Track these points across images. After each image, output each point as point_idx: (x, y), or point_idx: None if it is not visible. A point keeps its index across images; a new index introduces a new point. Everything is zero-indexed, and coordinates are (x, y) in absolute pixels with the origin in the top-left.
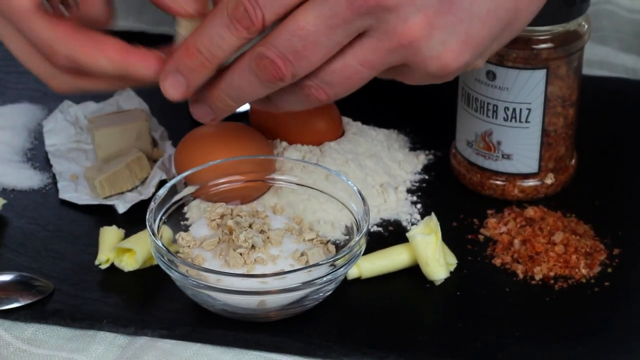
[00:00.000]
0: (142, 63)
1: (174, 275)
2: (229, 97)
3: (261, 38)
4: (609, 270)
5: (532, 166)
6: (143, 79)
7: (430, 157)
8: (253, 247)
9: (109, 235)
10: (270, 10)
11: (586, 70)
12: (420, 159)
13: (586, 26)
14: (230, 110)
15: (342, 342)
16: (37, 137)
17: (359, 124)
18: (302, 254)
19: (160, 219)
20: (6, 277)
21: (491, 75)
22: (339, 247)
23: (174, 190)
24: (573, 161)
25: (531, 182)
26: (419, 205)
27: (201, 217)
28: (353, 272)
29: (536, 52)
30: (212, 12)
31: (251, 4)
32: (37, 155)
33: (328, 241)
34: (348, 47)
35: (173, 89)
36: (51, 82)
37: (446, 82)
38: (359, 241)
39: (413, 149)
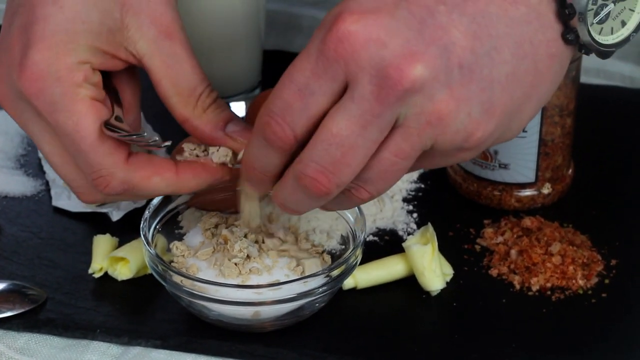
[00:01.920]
0: (193, 177)
1: (168, 285)
2: (292, 209)
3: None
4: (606, 281)
5: (529, 176)
6: (194, 190)
7: None
8: (248, 257)
9: (103, 243)
10: (299, 124)
11: (583, 79)
12: None
13: None
14: (299, 214)
15: (338, 353)
16: (31, 143)
17: None
18: (297, 264)
19: (155, 227)
20: None
21: None
22: (334, 256)
23: (168, 199)
24: (570, 171)
25: (528, 192)
26: (415, 215)
27: (196, 226)
28: (349, 283)
29: None
30: (252, 133)
31: (278, 123)
32: (30, 161)
33: (324, 251)
34: (383, 141)
35: (256, 189)
36: (84, 196)
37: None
38: (355, 252)
39: None
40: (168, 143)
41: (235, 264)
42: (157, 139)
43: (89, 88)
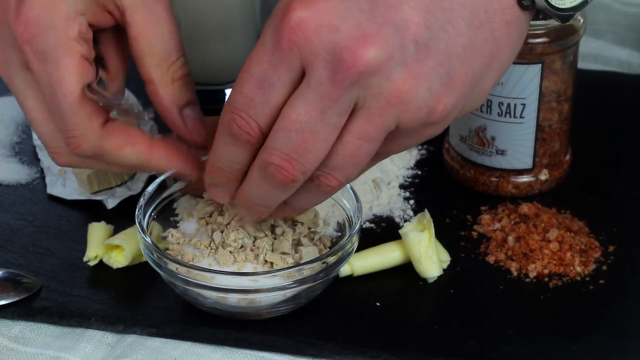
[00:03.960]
0: (165, 158)
1: (163, 272)
2: (258, 204)
3: None
4: (604, 267)
5: (526, 162)
6: (162, 170)
7: (423, 152)
8: (242, 247)
9: (98, 231)
10: (262, 116)
11: (580, 64)
12: (412, 154)
13: (582, 20)
14: (267, 213)
15: (334, 341)
16: (25, 130)
17: None
18: (294, 252)
19: (150, 215)
20: None
21: None
22: (331, 243)
23: (163, 186)
24: (567, 157)
25: (525, 178)
26: (411, 202)
27: (191, 213)
28: (345, 270)
29: (531, 47)
30: (217, 132)
31: (242, 117)
32: (25, 149)
33: (320, 238)
34: (345, 125)
35: (219, 197)
36: (59, 157)
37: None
38: (351, 239)
39: None
40: (151, 115)
41: (231, 252)
42: (139, 109)
43: (82, 44)
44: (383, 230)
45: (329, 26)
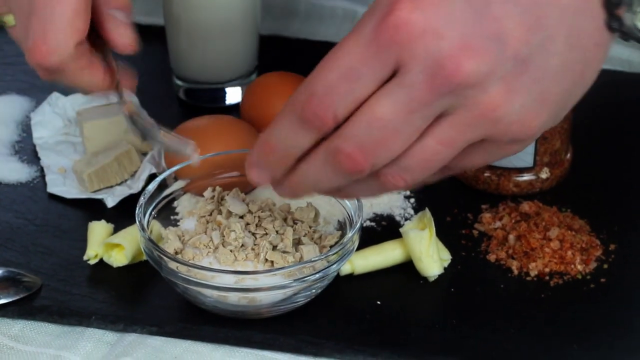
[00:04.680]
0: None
1: (163, 271)
2: (307, 186)
3: None
4: (605, 266)
5: (527, 160)
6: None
7: None
8: (243, 245)
9: (98, 230)
10: (341, 107)
11: None
12: None
13: None
14: (311, 194)
15: (334, 339)
16: (25, 129)
17: None
18: (294, 250)
19: (150, 213)
20: None
21: None
22: (331, 242)
23: (164, 185)
24: (568, 155)
25: (526, 177)
26: (412, 200)
27: (191, 212)
28: (346, 268)
29: None
30: (282, 111)
31: (319, 104)
32: (25, 148)
33: (320, 236)
34: (427, 128)
35: (259, 179)
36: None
37: None
38: (352, 237)
39: None
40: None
41: (231, 251)
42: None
43: None
44: (384, 229)
45: (434, 32)
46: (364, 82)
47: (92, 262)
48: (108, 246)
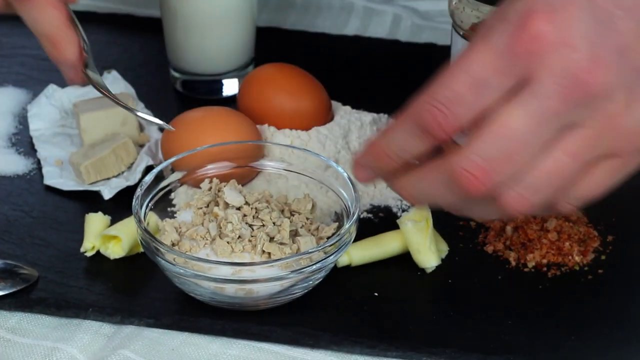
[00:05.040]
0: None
1: (160, 263)
2: (417, 196)
3: None
4: (603, 257)
5: None
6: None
7: None
8: (240, 237)
9: (95, 222)
10: (466, 116)
11: None
12: None
13: None
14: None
15: (332, 331)
16: (22, 121)
17: (348, 108)
18: (291, 242)
19: (147, 205)
20: None
21: None
22: (328, 234)
23: (160, 176)
24: None
25: None
26: None
27: (188, 203)
28: (343, 260)
29: None
30: (400, 118)
31: (442, 111)
32: (22, 140)
33: (317, 228)
34: (554, 141)
35: (364, 178)
36: None
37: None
38: (349, 229)
39: None
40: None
41: (228, 242)
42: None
43: None
44: (381, 220)
45: (567, 44)
46: (493, 92)
47: (89, 254)
48: (105, 238)
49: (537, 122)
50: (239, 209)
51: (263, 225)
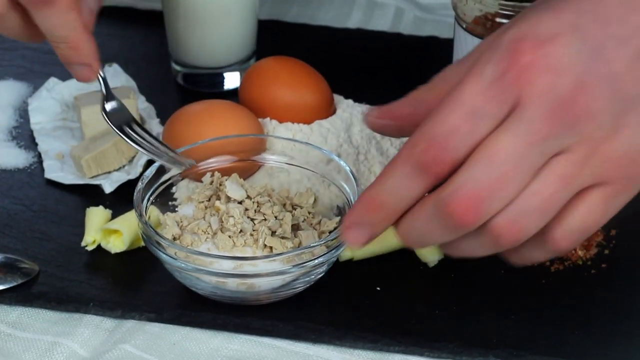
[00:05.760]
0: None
1: (161, 257)
2: (409, 240)
3: None
4: (606, 252)
5: None
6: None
7: None
8: (241, 231)
9: (96, 215)
10: (462, 149)
11: None
12: None
13: None
14: (428, 245)
15: (334, 326)
16: (23, 115)
17: (350, 101)
18: (293, 236)
19: (148, 199)
20: None
21: None
22: (330, 228)
23: (162, 170)
24: None
25: None
26: None
27: (190, 197)
28: (345, 254)
29: None
30: (391, 164)
31: (441, 147)
32: (23, 133)
33: (320, 222)
34: (543, 166)
35: (357, 240)
36: None
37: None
38: None
39: None
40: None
41: (229, 236)
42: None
43: None
44: None
45: (555, 70)
46: (486, 121)
47: (90, 248)
48: (106, 232)
49: (524, 145)
50: (240, 202)
51: (265, 219)
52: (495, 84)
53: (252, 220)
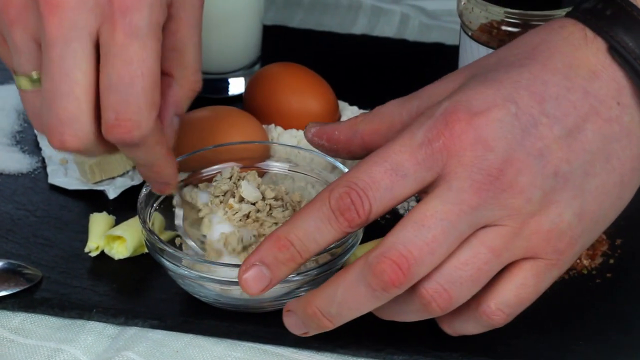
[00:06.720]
0: (172, 163)
1: (165, 264)
2: (326, 315)
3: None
4: (611, 261)
5: None
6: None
7: None
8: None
9: (99, 221)
10: (380, 202)
11: None
12: None
13: None
14: (323, 330)
15: (337, 334)
16: (27, 119)
17: (355, 108)
18: None
19: (152, 205)
20: None
21: None
22: None
23: None
24: None
25: None
26: None
27: (207, 185)
28: (350, 262)
29: None
30: (310, 203)
31: (359, 195)
32: (26, 138)
33: None
34: (472, 236)
35: (254, 283)
36: (71, 140)
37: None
38: (356, 230)
39: None
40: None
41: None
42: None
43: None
44: (387, 222)
45: (484, 144)
46: (408, 181)
47: (94, 254)
48: (109, 238)
49: (453, 213)
50: (253, 204)
51: (276, 224)
52: (424, 148)
53: (262, 223)
